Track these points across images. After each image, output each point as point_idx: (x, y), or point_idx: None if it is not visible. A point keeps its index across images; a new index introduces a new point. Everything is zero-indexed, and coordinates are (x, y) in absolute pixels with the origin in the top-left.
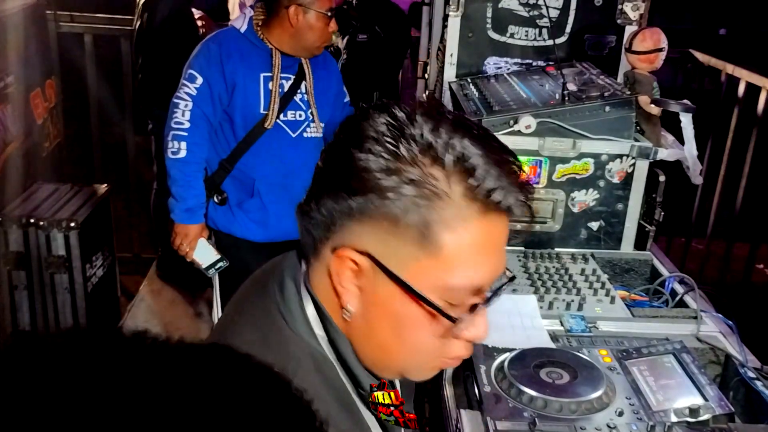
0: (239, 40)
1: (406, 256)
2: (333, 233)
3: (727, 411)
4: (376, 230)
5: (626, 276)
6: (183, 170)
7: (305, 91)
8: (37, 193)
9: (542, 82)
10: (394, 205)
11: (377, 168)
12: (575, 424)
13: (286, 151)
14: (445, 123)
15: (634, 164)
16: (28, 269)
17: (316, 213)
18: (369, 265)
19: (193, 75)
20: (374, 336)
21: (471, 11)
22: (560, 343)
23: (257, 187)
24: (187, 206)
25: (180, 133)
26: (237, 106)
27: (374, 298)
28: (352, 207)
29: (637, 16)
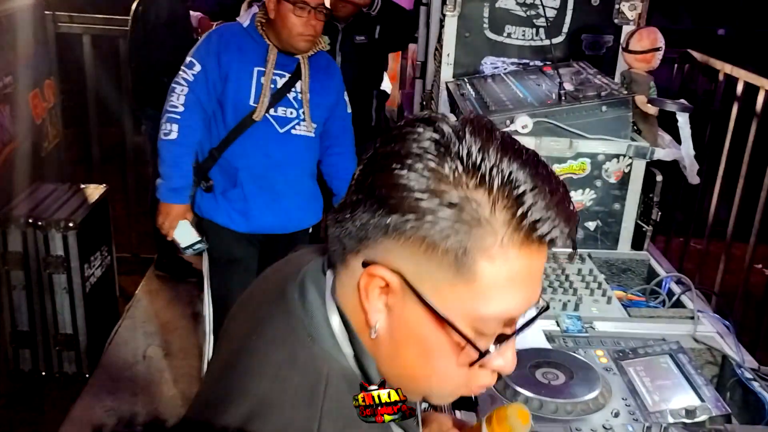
0: (240, 34)
1: (440, 281)
2: (365, 247)
3: (724, 412)
4: (411, 250)
5: (623, 276)
6: (172, 150)
7: (299, 90)
8: (36, 194)
9: (539, 81)
10: (433, 228)
11: (418, 188)
12: (571, 426)
13: (271, 145)
14: (493, 143)
15: (631, 164)
16: (26, 269)
17: (350, 223)
18: (399, 285)
19: (192, 62)
20: (400, 358)
21: (468, 11)
22: (556, 344)
23: (240, 177)
24: (172, 186)
25: (173, 116)
26: (228, 96)
27: (402, 320)
28: (388, 224)
29: (634, 15)
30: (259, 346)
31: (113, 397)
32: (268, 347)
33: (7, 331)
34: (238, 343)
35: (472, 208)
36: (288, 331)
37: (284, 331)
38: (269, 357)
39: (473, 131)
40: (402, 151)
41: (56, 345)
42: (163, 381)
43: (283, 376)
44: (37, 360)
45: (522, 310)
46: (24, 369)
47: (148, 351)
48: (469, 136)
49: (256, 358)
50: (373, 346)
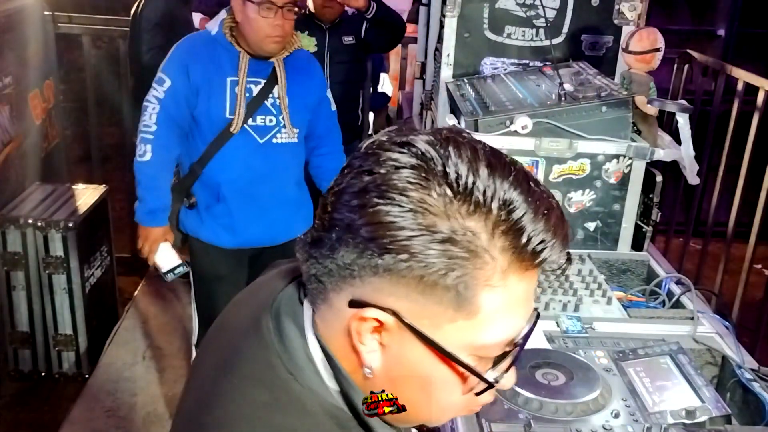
0: (208, 42)
1: (439, 317)
2: (350, 285)
3: (724, 413)
4: (406, 289)
5: (623, 277)
6: (147, 172)
7: (277, 95)
8: (35, 194)
9: (539, 82)
10: (429, 268)
11: (407, 225)
12: (571, 426)
13: (252, 157)
14: (481, 160)
15: (631, 164)
16: (26, 270)
17: (329, 261)
18: (395, 324)
19: (162, 78)
20: (398, 393)
21: (468, 11)
22: (556, 344)
23: (222, 192)
24: (149, 208)
25: (147, 136)
26: (202, 110)
27: (400, 357)
28: (378, 265)
29: (634, 16)
30: (235, 385)
31: (113, 398)
32: (245, 387)
33: (6, 332)
34: (211, 379)
35: (467, 239)
36: (266, 368)
37: (262, 368)
38: (247, 398)
39: (456, 147)
40: (381, 184)
41: (56, 345)
42: (163, 381)
43: (265, 418)
44: (36, 360)
45: (522, 328)
46: (23, 369)
47: (147, 351)
48: (454, 155)
49: (233, 399)
50: (367, 384)
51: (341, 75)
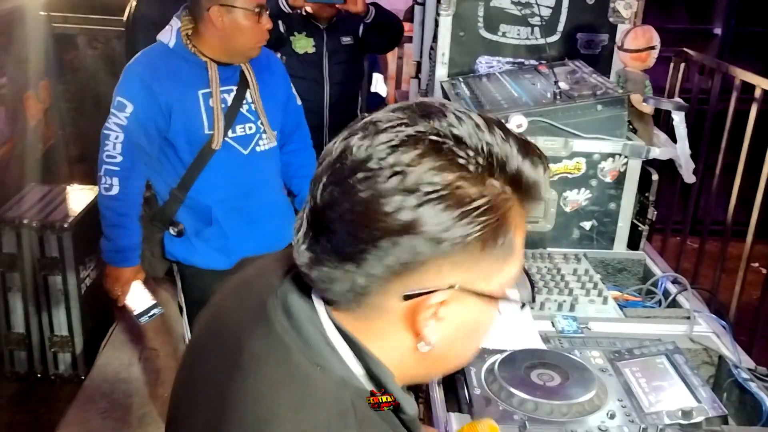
0: (168, 56)
1: (491, 272)
2: (402, 282)
3: (720, 413)
4: (468, 262)
5: (619, 276)
6: (113, 208)
7: (251, 100)
8: (31, 195)
9: (534, 81)
10: (484, 237)
11: (451, 218)
12: (566, 427)
13: (239, 171)
14: (480, 130)
15: (627, 163)
16: (21, 271)
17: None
18: (455, 295)
19: (122, 102)
20: (446, 353)
21: (463, 10)
22: (552, 345)
23: (214, 214)
24: (117, 247)
25: (112, 168)
26: (178, 131)
27: (457, 322)
28: (440, 251)
29: (629, 14)
30: (261, 390)
31: (109, 399)
32: (274, 389)
33: (2, 333)
34: (221, 384)
35: (500, 199)
36: (291, 367)
37: (287, 368)
38: (280, 399)
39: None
40: (409, 186)
41: (52, 347)
42: (159, 383)
43: (303, 416)
44: (32, 362)
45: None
46: (19, 371)
47: (143, 353)
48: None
49: (264, 404)
50: (414, 357)
51: (340, 75)
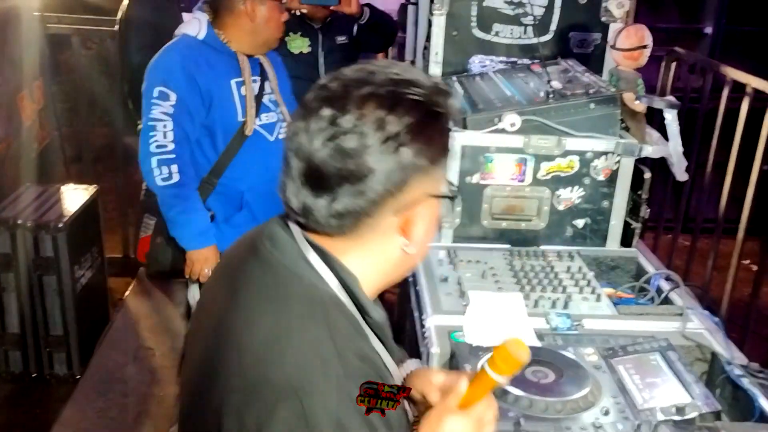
0: (201, 47)
1: (442, 178)
2: (395, 199)
3: (714, 409)
4: (429, 177)
5: (612, 273)
6: (181, 194)
7: (271, 90)
8: (25, 195)
9: (527, 80)
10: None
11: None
12: (561, 424)
13: (268, 156)
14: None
15: (620, 161)
16: (16, 271)
17: (370, 193)
18: (429, 201)
19: (164, 92)
20: (421, 249)
21: (456, 9)
22: (546, 342)
23: (246, 199)
24: (199, 229)
25: (167, 157)
26: (216, 119)
27: (426, 220)
28: (422, 167)
29: (621, 13)
30: (249, 301)
31: (104, 399)
32: (259, 298)
33: None
34: (218, 309)
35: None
36: (274, 278)
37: (272, 279)
38: (263, 302)
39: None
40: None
41: (47, 347)
42: (155, 382)
43: (282, 311)
44: (27, 362)
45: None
46: (14, 371)
47: (139, 352)
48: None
49: (250, 309)
50: (398, 258)
51: None
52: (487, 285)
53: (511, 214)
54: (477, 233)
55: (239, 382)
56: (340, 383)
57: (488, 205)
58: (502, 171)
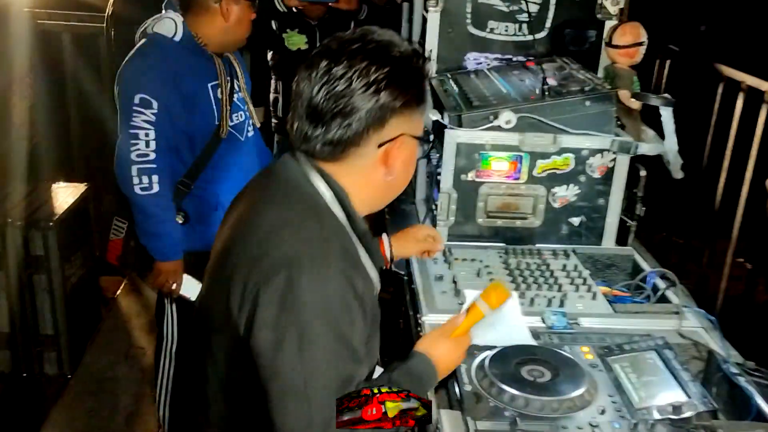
0: (178, 50)
1: (417, 121)
2: (377, 133)
3: (710, 407)
4: (406, 119)
5: (608, 271)
6: (159, 204)
7: (239, 89)
8: (15, 193)
9: (522, 77)
10: (415, 102)
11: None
12: (557, 423)
13: (240, 157)
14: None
15: (615, 159)
16: (5, 270)
17: (355, 125)
18: (405, 139)
19: (146, 99)
20: (398, 181)
21: (450, 6)
22: (542, 341)
23: (221, 200)
24: (173, 241)
25: (148, 166)
26: (197, 123)
27: (405, 157)
28: (395, 106)
29: (616, 10)
30: (260, 207)
31: (95, 398)
32: (269, 203)
33: None
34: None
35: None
36: (280, 188)
37: (278, 188)
38: (270, 206)
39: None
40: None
41: (37, 346)
42: (146, 381)
43: (285, 210)
44: (17, 361)
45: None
46: (4, 370)
47: (130, 351)
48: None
49: (259, 213)
50: (382, 185)
51: None
52: (482, 283)
53: (506, 212)
54: (472, 231)
55: (245, 255)
56: (323, 261)
57: (483, 203)
58: (497, 169)
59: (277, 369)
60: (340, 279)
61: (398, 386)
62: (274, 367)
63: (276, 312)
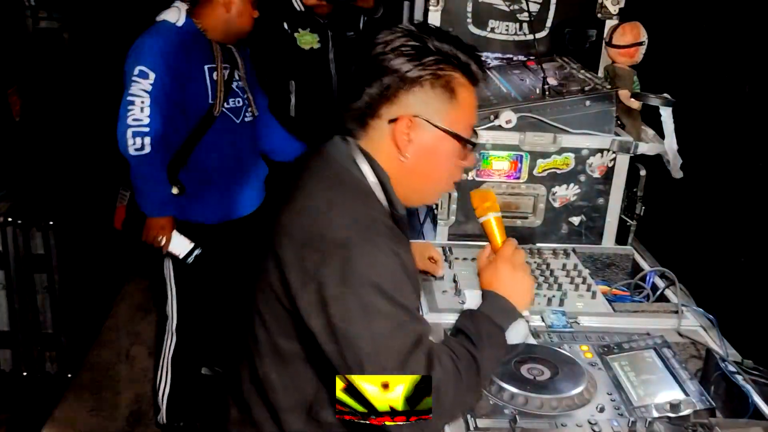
0: (179, 34)
1: (441, 111)
2: (388, 108)
3: (708, 406)
4: (424, 97)
5: (608, 271)
6: (149, 164)
7: (239, 78)
8: (16, 192)
9: (523, 76)
10: (436, 81)
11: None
12: (556, 421)
13: (233, 136)
14: (442, 36)
15: (615, 158)
16: (7, 269)
17: (362, 105)
18: (419, 123)
19: (145, 72)
20: (419, 169)
21: (451, 5)
22: (541, 339)
23: (212, 175)
24: (161, 199)
25: (141, 129)
26: (188, 100)
27: (423, 144)
28: (407, 85)
29: (617, 10)
30: (310, 186)
31: (96, 397)
32: (319, 183)
33: None
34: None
35: (450, 67)
36: (330, 170)
37: (328, 171)
38: (321, 186)
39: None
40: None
41: (38, 345)
42: (147, 380)
43: (335, 191)
44: (18, 360)
45: (476, 121)
46: (5, 369)
47: (131, 350)
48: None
49: (310, 191)
50: (402, 168)
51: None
52: None
53: (506, 211)
54: (472, 231)
55: (300, 235)
56: (373, 238)
57: None
58: (497, 168)
59: (350, 341)
60: (389, 252)
61: (478, 335)
62: (346, 340)
63: (339, 290)
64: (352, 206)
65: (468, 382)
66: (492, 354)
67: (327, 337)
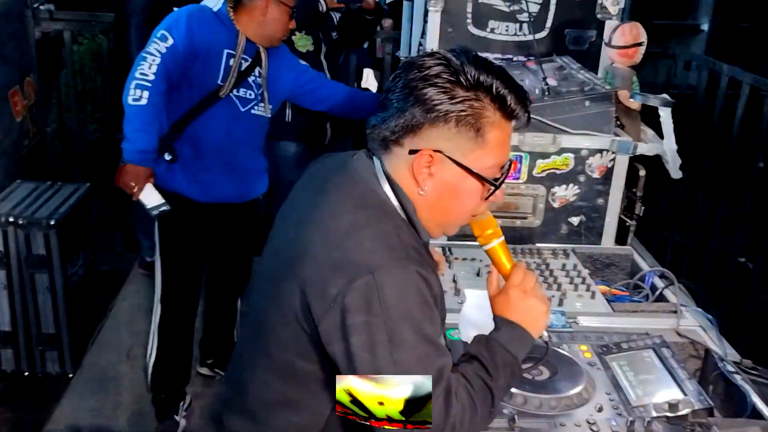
0: (211, 16)
1: (466, 149)
2: (411, 140)
3: (707, 405)
4: (447, 133)
5: (607, 271)
6: (141, 115)
7: (258, 75)
8: (17, 192)
9: (522, 77)
10: (461, 117)
11: (449, 98)
12: (555, 421)
13: (233, 122)
14: (481, 66)
15: (615, 159)
16: (7, 269)
17: (394, 126)
18: (440, 158)
19: (165, 35)
20: (439, 204)
21: (451, 6)
22: (541, 339)
23: (203, 150)
24: (142, 148)
25: (144, 83)
26: (197, 73)
27: (443, 180)
28: (431, 119)
29: (617, 10)
30: (333, 203)
31: (97, 397)
32: (343, 202)
33: None
34: (306, 205)
35: (479, 101)
36: (355, 188)
37: (353, 189)
38: (346, 206)
39: (469, 61)
40: (423, 77)
41: (39, 345)
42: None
43: (360, 212)
44: (19, 360)
45: (507, 159)
46: (6, 369)
47: (132, 350)
48: (469, 65)
49: (334, 209)
50: (421, 201)
51: (336, 70)
52: (482, 283)
53: (506, 211)
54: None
55: (324, 258)
56: (402, 264)
57: None
58: None
59: (377, 371)
60: (418, 279)
61: (494, 365)
62: (367, 369)
63: (364, 318)
64: (382, 229)
65: (482, 413)
66: (506, 383)
67: (347, 363)
